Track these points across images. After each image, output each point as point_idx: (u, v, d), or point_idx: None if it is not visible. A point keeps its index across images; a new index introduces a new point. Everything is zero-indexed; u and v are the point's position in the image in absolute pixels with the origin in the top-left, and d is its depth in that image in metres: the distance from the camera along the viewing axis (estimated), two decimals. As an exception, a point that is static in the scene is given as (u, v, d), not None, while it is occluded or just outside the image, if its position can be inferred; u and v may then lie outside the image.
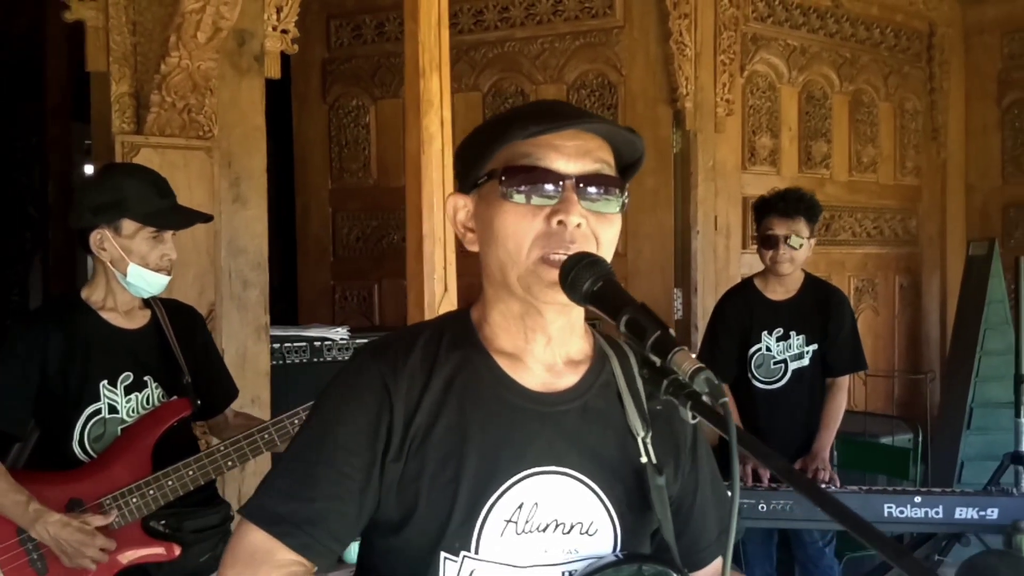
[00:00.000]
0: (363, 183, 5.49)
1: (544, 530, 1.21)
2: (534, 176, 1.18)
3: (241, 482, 3.23)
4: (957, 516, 3.12)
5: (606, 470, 1.25)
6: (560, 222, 1.17)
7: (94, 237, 2.29)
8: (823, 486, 3.41)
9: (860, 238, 5.73)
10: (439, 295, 2.15)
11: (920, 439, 4.42)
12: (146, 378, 2.38)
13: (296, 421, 2.39)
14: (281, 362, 3.70)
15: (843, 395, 3.52)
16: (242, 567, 1.18)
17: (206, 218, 2.44)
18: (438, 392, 1.22)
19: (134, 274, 2.29)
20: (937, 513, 3.14)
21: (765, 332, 3.55)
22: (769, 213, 3.42)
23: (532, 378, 1.25)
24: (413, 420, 1.20)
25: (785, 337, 3.55)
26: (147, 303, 2.44)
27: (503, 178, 1.18)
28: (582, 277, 1.14)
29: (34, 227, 9.76)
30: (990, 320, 5.35)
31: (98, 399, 2.32)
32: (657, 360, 1.06)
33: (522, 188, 1.17)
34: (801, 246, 3.41)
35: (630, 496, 1.26)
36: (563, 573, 1.21)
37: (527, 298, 1.21)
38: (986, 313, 5.35)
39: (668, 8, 4.67)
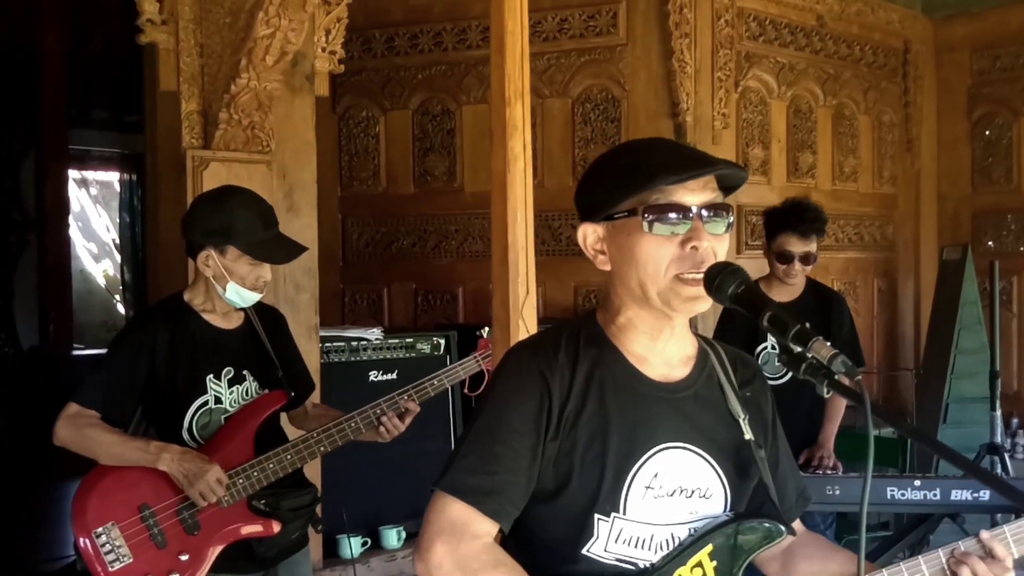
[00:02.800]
0: (372, 191, 5.73)
1: (673, 495, 1.50)
2: (670, 211, 1.45)
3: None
4: (953, 498, 3.45)
5: (717, 446, 1.54)
6: (693, 247, 1.45)
7: (202, 255, 2.53)
8: (829, 472, 3.74)
9: (842, 243, 6.09)
10: (522, 297, 2.41)
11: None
12: (244, 372, 2.63)
13: (377, 412, 2.65)
14: (324, 360, 3.94)
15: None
16: (448, 535, 1.41)
17: (303, 250, 2.68)
18: (582, 383, 1.49)
19: (231, 291, 2.54)
20: (935, 495, 3.46)
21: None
22: (785, 229, 3.67)
23: (654, 371, 1.54)
24: (566, 406, 1.48)
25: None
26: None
27: (646, 216, 1.45)
28: (727, 283, 1.42)
29: (18, 231, 9.83)
30: (964, 321, 5.72)
31: (205, 391, 2.56)
32: (797, 347, 1.35)
33: (660, 221, 1.44)
34: (815, 261, 3.70)
35: (736, 467, 1.56)
36: (689, 530, 1.50)
37: (663, 308, 1.48)
38: (960, 314, 5.73)
39: (670, 28, 4.99)
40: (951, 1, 6.48)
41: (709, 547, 1.49)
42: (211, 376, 2.57)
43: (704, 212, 1.45)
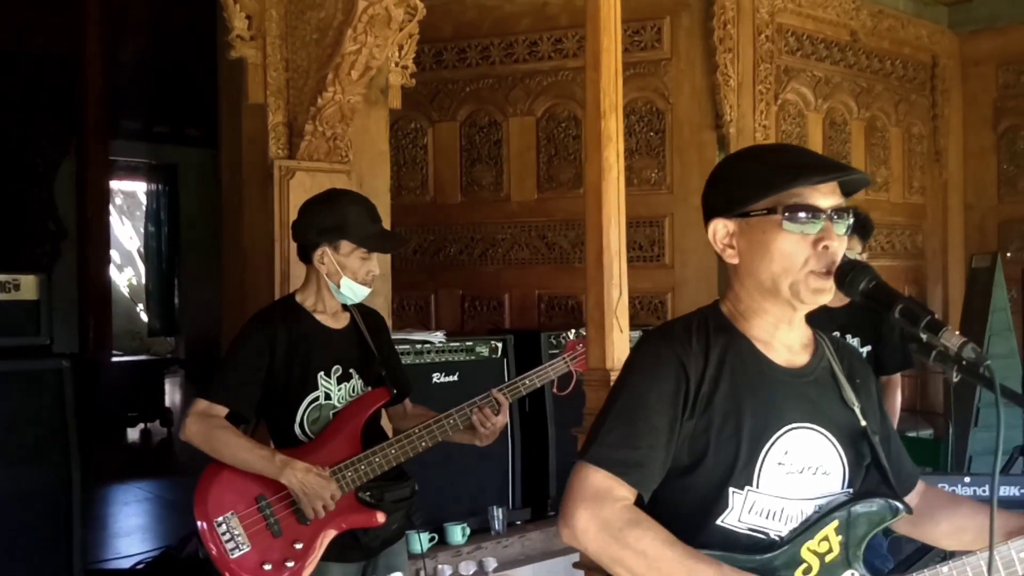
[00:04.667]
0: (420, 200, 5.90)
1: (802, 472, 1.65)
2: (806, 212, 1.60)
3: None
4: (1002, 494, 3.60)
5: (837, 428, 1.70)
6: (825, 246, 1.61)
7: (317, 253, 2.68)
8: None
9: (875, 252, 6.26)
10: (615, 298, 2.56)
11: (950, 432, 4.92)
12: (351, 370, 2.77)
13: (472, 410, 2.79)
14: (392, 362, 4.10)
15: (898, 391, 3.98)
16: (591, 502, 1.55)
17: (406, 241, 2.84)
18: (715, 366, 1.65)
19: (345, 286, 2.69)
20: (984, 491, 3.61)
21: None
22: None
23: (779, 356, 1.69)
24: (701, 387, 1.63)
25: (842, 339, 4.02)
26: (345, 307, 2.83)
27: (785, 215, 1.60)
28: (859, 278, 1.58)
29: (52, 240, 10.00)
30: (994, 327, 5.87)
31: (316, 388, 2.71)
32: (926, 336, 1.51)
33: (796, 221, 1.60)
34: None
35: (853, 450, 1.71)
36: (815, 506, 1.65)
37: (791, 300, 1.63)
38: (990, 321, 5.88)
39: (715, 43, 5.16)
40: (977, 17, 6.66)
41: (835, 523, 1.63)
42: (322, 373, 2.72)
43: (834, 214, 1.61)
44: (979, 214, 6.79)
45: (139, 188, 12.63)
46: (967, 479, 3.63)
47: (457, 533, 4.23)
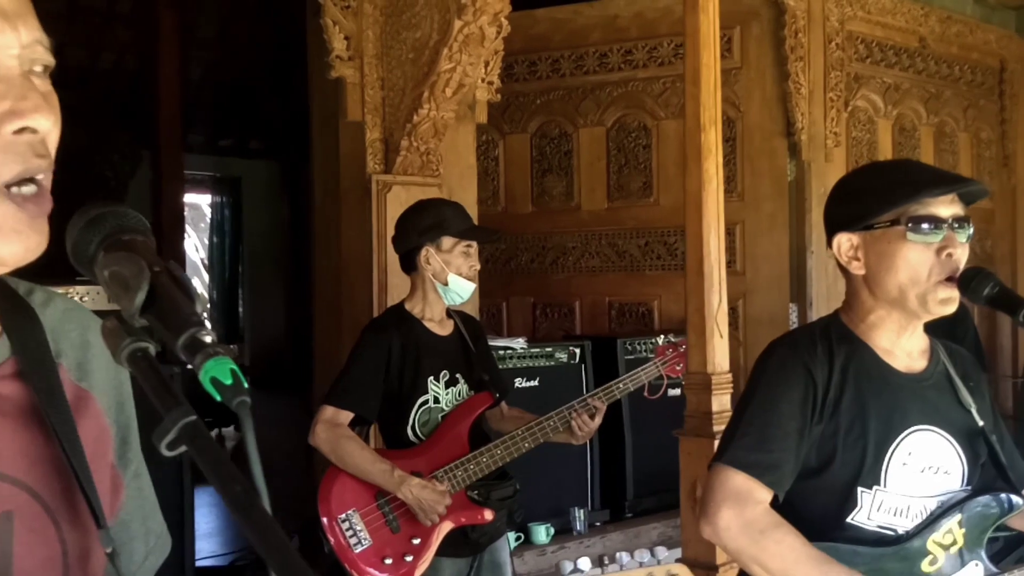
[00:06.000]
0: (492, 210, 6.01)
1: (924, 471, 1.74)
2: (929, 222, 1.69)
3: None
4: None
5: (955, 428, 1.78)
6: (949, 255, 1.69)
7: (422, 254, 2.82)
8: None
9: (946, 257, 6.25)
10: (715, 304, 2.66)
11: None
12: (457, 375, 2.90)
13: (572, 413, 2.90)
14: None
15: None
16: (733, 502, 1.66)
17: (499, 233, 3.00)
18: (839, 374, 1.74)
19: (452, 282, 2.83)
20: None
21: None
22: None
23: (899, 362, 1.78)
24: (828, 393, 1.73)
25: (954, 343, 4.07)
26: (449, 314, 2.96)
27: (909, 225, 1.69)
28: (983, 284, 1.68)
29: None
30: (1068, 330, 5.87)
31: (426, 392, 2.84)
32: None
33: (920, 231, 1.68)
34: None
35: (970, 447, 1.80)
36: (938, 502, 1.74)
37: (917, 309, 1.72)
38: (1063, 324, 5.85)
39: (786, 52, 5.23)
40: (1045, 20, 6.65)
41: (958, 516, 1.72)
42: (431, 378, 2.85)
43: (955, 223, 1.70)
44: (1048, 218, 6.77)
45: (204, 200, 12.92)
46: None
47: (541, 533, 4.35)
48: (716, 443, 2.61)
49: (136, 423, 1.03)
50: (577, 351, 4.77)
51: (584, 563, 4.00)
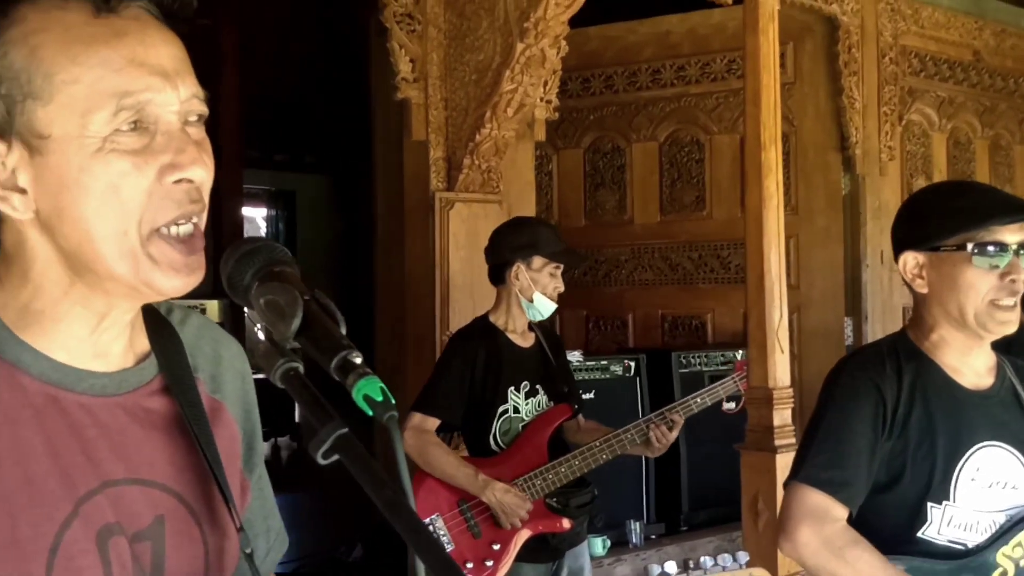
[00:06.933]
0: (545, 224, 6.10)
1: (991, 486, 1.78)
2: (995, 247, 1.75)
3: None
4: None
5: (1022, 444, 1.82)
6: (1012, 280, 1.74)
7: (511, 271, 2.92)
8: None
9: (1001, 270, 6.22)
10: (776, 319, 2.72)
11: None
12: (537, 386, 3.00)
13: (648, 426, 2.96)
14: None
15: None
16: (811, 519, 1.73)
17: (587, 259, 3.09)
18: (908, 391, 1.80)
19: (537, 300, 2.92)
20: None
21: None
22: None
23: (966, 380, 1.83)
24: (897, 411, 1.78)
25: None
26: (530, 327, 3.05)
27: (975, 251, 1.74)
28: None
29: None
30: None
31: (507, 401, 2.94)
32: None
33: (986, 256, 1.74)
34: None
35: None
36: (1006, 516, 1.78)
37: (977, 330, 1.78)
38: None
39: (840, 67, 5.26)
40: (1102, 31, 6.58)
41: None
42: (512, 388, 2.95)
43: (1020, 249, 1.75)
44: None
45: (258, 214, 13.18)
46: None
47: (598, 545, 4.40)
48: (777, 457, 2.69)
49: (260, 430, 1.12)
50: (632, 364, 4.83)
51: (671, 567, 4.05)
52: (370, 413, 0.79)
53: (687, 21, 5.65)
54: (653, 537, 4.76)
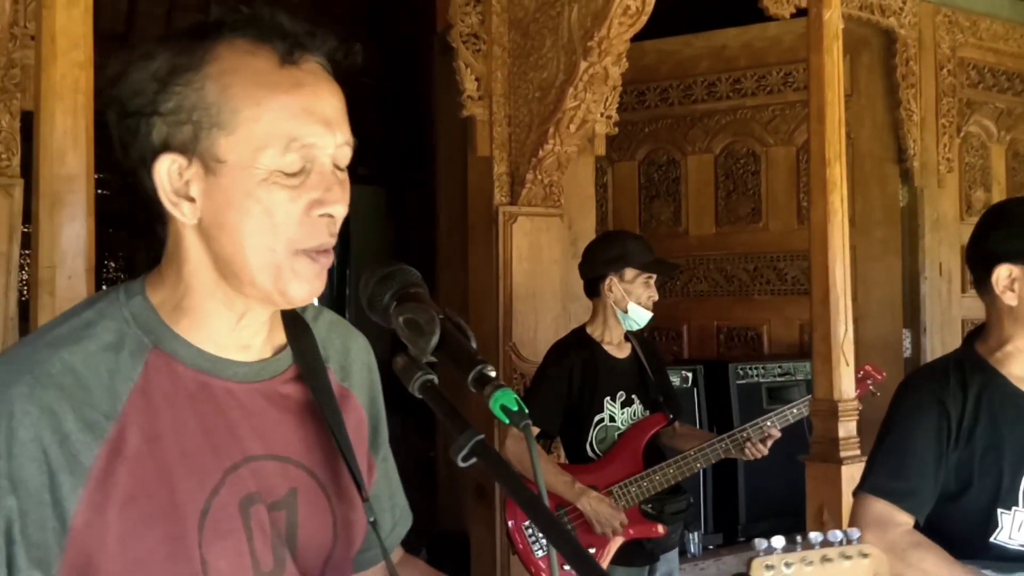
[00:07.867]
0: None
1: None
2: None
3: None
4: None
5: None
6: None
7: (604, 284, 3.01)
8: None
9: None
10: (842, 333, 2.76)
11: None
12: (633, 396, 3.07)
13: (744, 435, 2.99)
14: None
15: None
16: (875, 527, 1.78)
17: (678, 267, 3.23)
18: (973, 402, 1.85)
19: (632, 310, 3.00)
20: None
21: None
22: None
23: None
24: (962, 422, 1.84)
25: None
26: (626, 337, 3.12)
27: None
28: None
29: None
30: None
31: (603, 410, 3.02)
32: None
33: None
34: None
35: None
36: None
37: None
38: None
39: (897, 80, 5.27)
40: None
41: None
42: (608, 398, 3.03)
43: None
44: None
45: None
46: None
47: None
48: (843, 468, 2.73)
49: (385, 415, 1.24)
50: (690, 375, 4.87)
51: (777, 541, 4.08)
52: (506, 421, 0.87)
53: (744, 35, 5.69)
54: (711, 547, 4.80)
